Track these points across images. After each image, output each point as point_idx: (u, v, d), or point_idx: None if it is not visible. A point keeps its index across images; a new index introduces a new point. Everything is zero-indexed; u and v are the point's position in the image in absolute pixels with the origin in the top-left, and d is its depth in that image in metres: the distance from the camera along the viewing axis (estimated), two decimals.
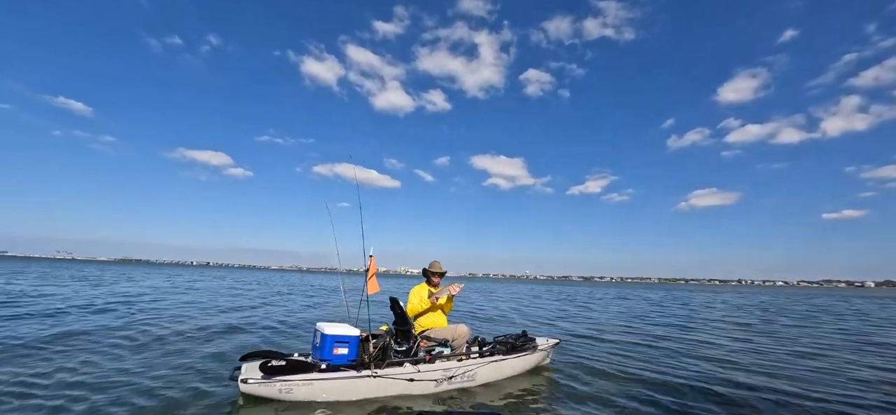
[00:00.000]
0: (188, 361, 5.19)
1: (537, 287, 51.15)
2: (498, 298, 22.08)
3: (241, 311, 11.06)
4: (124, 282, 21.73)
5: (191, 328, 7.68)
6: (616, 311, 15.71)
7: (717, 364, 6.10)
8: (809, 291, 65.99)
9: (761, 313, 15.82)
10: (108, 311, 9.62)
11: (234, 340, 6.81)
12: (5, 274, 24.10)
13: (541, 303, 19.41)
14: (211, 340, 6.71)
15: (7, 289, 13.95)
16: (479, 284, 62.07)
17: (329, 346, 3.96)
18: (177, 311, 10.31)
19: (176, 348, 5.91)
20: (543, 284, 74.38)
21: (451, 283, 4.88)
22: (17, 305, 9.86)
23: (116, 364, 4.93)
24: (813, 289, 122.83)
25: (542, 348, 5.29)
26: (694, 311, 16.45)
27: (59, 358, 5.08)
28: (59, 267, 46.40)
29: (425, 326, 4.70)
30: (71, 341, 6.10)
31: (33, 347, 5.61)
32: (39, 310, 9.08)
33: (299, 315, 10.60)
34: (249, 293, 17.79)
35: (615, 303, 20.76)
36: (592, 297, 27.39)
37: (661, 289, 61.28)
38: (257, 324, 8.73)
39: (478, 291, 31.93)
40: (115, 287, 17.47)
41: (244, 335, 7.30)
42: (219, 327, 8.05)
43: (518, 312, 14.53)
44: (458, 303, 17.24)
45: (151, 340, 6.48)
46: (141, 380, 4.35)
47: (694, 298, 27.85)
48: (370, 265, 4.63)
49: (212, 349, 5.94)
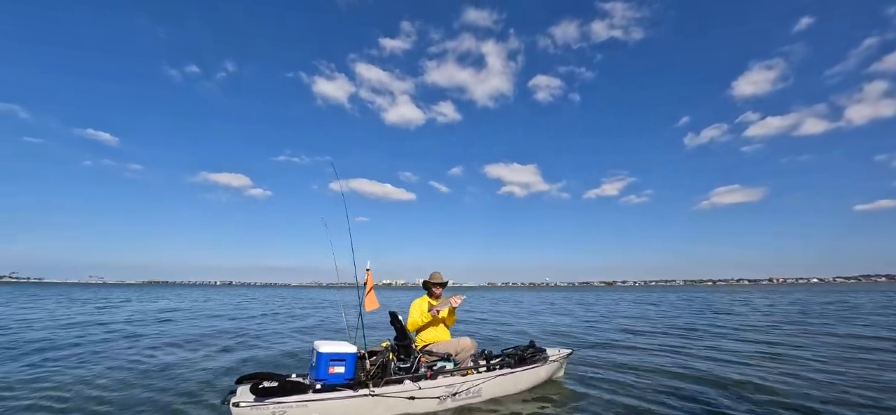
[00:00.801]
0: (184, 384, 5.11)
1: (558, 294, 50.15)
2: (513, 308, 21.62)
3: (246, 329, 11.08)
4: (151, 302, 22.26)
5: (191, 350, 7.67)
6: (637, 316, 15.11)
7: (743, 376, 5.68)
8: (846, 288, 62.55)
9: (798, 315, 14.95)
10: (112, 336, 9.75)
11: (233, 360, 6.72)
12: (56, 298, 25.05)
13: (559, 310, 18.89)
14: (211, 360, 6.66)
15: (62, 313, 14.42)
16: (498, 293, 61.33)
17: (324, 365, 3.81)
18: (182, 332, 10.39)
19: (172, 372, 5.85)
20: (564, 291, 72.89)
21: (454, 294, 4.68)
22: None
23: (100, 392, 4.90)
24: (851, 285, 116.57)
25: (553, 360, 5.01)
26: (720, 314, 15.68)
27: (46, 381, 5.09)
28: (94, 291, 48.08)
29: (427, 340, 4.50)
30: (67, 360, 6.15)
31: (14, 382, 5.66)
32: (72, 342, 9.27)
33: (303, 333, 10.53)
34: (261, 309, 17.93)
35: (636, 308, 20.03)
36: (613, 302, 26.58)
37: (686, 291, 59.16)
38: (262, 343, 8.68)
39: (497, 300, 31.45)
40: (139, 308, 17.88)
41: (246, 355, 7.23)
42: (223, 347, 8.03)
43: (534, 320, 14.13)
44: (470, 314, 16.92)
45: (148, 364, 6.47)
46: (130, 407, 4.29)
47: (720, 301, 26.67)
48: (367, 279, 4.49)
49: (207, 373, 5.85)
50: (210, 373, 5.70)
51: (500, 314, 17.00)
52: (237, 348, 7.91)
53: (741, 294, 40.77)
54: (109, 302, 23.61)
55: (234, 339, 9.18)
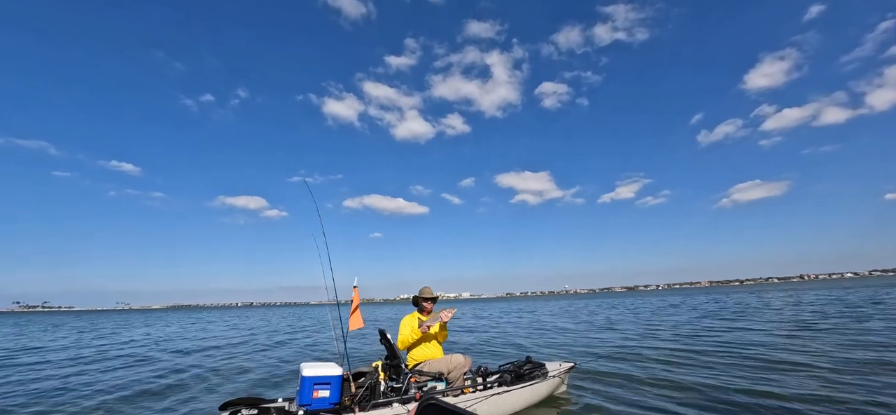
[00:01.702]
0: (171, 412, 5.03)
1: (576, 302, 49.07)
2: (524, 318, 21.15)
3: (246, 352, 11.04)
4: (163, 327, 22.60)
5: (186, 376, 7.64)
6: (656, 322, 14.55)
7: (768, 386, 5.29)
8: (883, 282, 59.30)
9: (836, 311, 14.15)
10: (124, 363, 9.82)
11: (224, 386, 6.60)
12: (84, 327, 25.76)
13: (572, 319, 18.38)
14: (203, 386, 6.59)
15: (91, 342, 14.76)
16: (516, 303, 60.41)
17: (308, 389, 3.66)
18: (180, 358, 10.40)
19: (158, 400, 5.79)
20: (584, 299, 71.33)
21: (444, 308, 4.50)
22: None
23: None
24: (889, 278, 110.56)
25: (553, 375, 4.75)
26: (746, 314, 14.96)
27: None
28: (123, 317, 49.34)
29: (418, 358, 4.31)
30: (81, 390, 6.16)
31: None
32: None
33: (297, 354, 10.42)
34: (269, 331, 17.95)
35: (656, 312, 19.33)
36: (633, 307, 25.77)
37: (711, 293, 57.16)
38: (260, 368, 8.60)
39: (511, 311, 30.92)
40: (156, 332, 18.14)
41: (242, 380, 7.14)
42: (217, 372, 7.97)
43: (539, 332, 13.73)
44: (477, 327, 16.58)
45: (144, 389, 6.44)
46: None
47: (746, 301, 25.57)
48: (353, 298, 4.37)
49: (194, 399, 5.78)
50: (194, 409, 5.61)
51: (509, 325, 16.62)
52: (239, 375, 7.84)
53: (770, 293, 39.08)
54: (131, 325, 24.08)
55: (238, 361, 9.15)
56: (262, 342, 13.16)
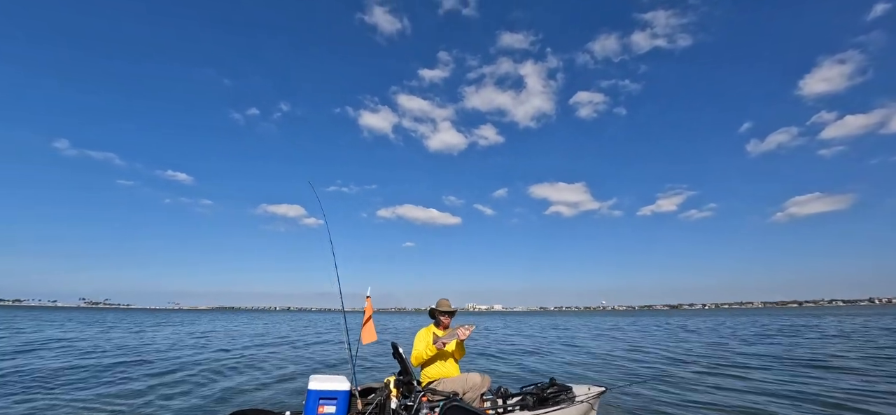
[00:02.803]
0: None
1: (614, 318, 46.87)
2: (556, 333, 20.25)
3: (277, 358, 11.13)
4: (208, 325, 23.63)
5: (199, 380, 7.73)
6: (703, 344, 13.40)
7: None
8: None
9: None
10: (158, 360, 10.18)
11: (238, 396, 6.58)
12: (143, 324, 27.59)
13: (607, 337, 17.36)
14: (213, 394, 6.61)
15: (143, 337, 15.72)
16: (549, 318, 58.66)
17: (313, 404, 3.48)
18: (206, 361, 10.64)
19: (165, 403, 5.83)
20: (622, 316, 68.13)
21: (462, 324, 4.20)
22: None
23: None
24: None
25: (581, 399, 4.31)
26: (808, 340, 13.48)
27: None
28: (177, 316, 52.45)
29: (432, 376, 4.04)
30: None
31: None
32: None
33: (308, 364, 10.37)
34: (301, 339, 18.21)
35: (702, 334, 17.89)
36: (676, 327, 24.12)
37: (765, 315, 52.76)
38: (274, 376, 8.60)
39: (542, 326, 29.87)
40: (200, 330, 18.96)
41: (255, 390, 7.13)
42: (240, 380, 8.03)
43: (569, 349, 12.99)
44: (503, 343, 15.98)
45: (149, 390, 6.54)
46: None
47: (805, 325, 23.21)
48: (366, 309, 4.18)
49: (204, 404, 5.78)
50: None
51: (538, 342, 15.92)
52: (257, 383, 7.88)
53: (835, 316, 35.37)
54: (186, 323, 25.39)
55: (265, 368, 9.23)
56: (292, 346, 13.35)
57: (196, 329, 23.79)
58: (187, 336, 18.16)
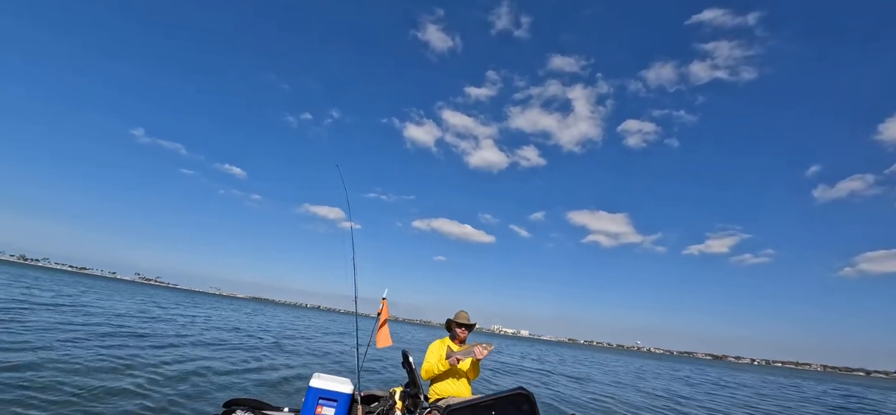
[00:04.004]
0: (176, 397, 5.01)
1: (650, 362, 43.82)
2: (589, 369, 19.03)
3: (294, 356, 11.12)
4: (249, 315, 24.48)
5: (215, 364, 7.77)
6: (758, 408, 11.99)
7: None
8: None
9: None
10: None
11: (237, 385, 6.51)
12: (193, 303, 29.34)
13: (639, 382, 16.04)
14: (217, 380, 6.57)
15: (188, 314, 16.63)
16: (579, 352, 55.98)
17: (312, 402, 3.25)
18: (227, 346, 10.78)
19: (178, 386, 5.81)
20: (659, 360, 63.56)
21: (479, 343, 3.84)
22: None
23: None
24: None
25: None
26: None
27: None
28: (218, 301, 55.34)
29: (441, 394, 3.68)
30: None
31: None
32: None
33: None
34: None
35: (756, 393, 16.11)
36: (722, 382, 22.02)
37: (827, 380, 47.19)
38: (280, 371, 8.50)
39: (574, 358, 28.40)
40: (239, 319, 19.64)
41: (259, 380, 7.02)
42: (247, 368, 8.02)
43: (615, 390, 12.04)
44: (530, 367, 15.14)
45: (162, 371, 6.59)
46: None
47: (878, 399, 20.33)
48: (382, 310, 3.93)
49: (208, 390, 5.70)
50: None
51: (575, 378, 14.97)
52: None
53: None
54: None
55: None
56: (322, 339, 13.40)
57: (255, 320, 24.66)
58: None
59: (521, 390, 2.71)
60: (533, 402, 2.62)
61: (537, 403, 2.69)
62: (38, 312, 10.80)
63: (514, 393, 2.71)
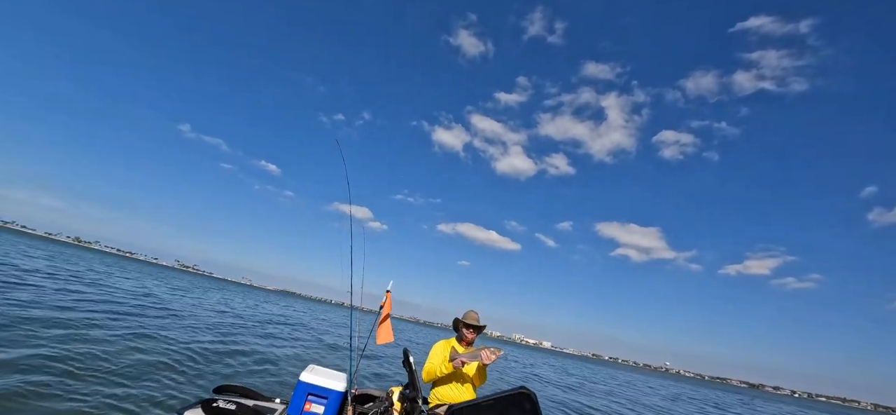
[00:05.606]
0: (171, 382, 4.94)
1: (679, 385, 41.59)
2: (610, 386, 18.07)
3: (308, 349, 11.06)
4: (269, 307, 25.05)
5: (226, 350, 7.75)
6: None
7: None
8: None
9: None
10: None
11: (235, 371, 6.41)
12: (219, 290, 30.49)
13: (670, 406, 15.03)
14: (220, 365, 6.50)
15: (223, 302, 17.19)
16: (602, 369, 53.99)
17: (300, 396, 3.01)
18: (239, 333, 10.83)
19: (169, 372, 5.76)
20: (689, 384, 60.16)
21: (486, 347, 3.47)
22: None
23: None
24: None
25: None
26: None
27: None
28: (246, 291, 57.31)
29: (442, 399, 3.35)
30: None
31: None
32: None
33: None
34: None
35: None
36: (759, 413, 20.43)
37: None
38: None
39: (597, 376, 27.25)
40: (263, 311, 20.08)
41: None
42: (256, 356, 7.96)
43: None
44: (552, 380, 14.47)
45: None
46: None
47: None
48: (384, 304, 3.66)
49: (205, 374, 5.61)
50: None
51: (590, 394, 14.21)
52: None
53: None
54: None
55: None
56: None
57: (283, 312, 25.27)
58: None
59: (523, 389, 2.47)
60: (535, 402, 2.39)
61: (538, 403, 2.45)
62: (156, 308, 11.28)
63: (516, 392, 2.46)
